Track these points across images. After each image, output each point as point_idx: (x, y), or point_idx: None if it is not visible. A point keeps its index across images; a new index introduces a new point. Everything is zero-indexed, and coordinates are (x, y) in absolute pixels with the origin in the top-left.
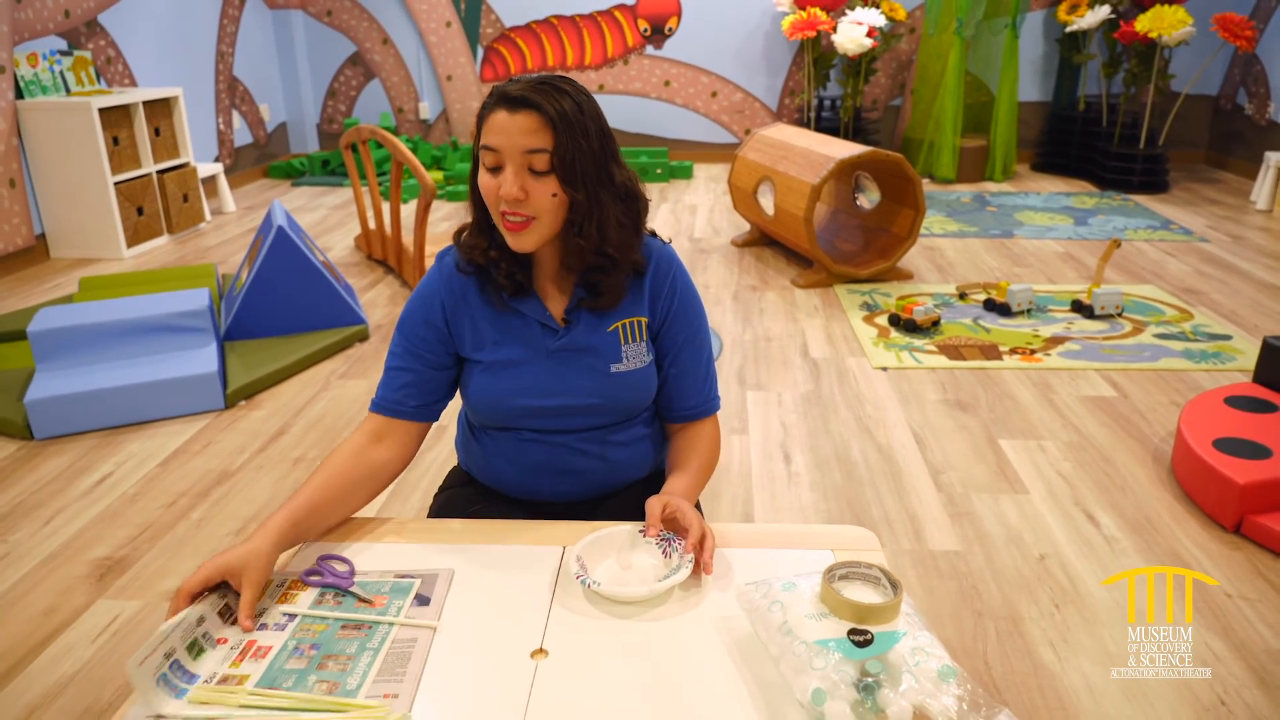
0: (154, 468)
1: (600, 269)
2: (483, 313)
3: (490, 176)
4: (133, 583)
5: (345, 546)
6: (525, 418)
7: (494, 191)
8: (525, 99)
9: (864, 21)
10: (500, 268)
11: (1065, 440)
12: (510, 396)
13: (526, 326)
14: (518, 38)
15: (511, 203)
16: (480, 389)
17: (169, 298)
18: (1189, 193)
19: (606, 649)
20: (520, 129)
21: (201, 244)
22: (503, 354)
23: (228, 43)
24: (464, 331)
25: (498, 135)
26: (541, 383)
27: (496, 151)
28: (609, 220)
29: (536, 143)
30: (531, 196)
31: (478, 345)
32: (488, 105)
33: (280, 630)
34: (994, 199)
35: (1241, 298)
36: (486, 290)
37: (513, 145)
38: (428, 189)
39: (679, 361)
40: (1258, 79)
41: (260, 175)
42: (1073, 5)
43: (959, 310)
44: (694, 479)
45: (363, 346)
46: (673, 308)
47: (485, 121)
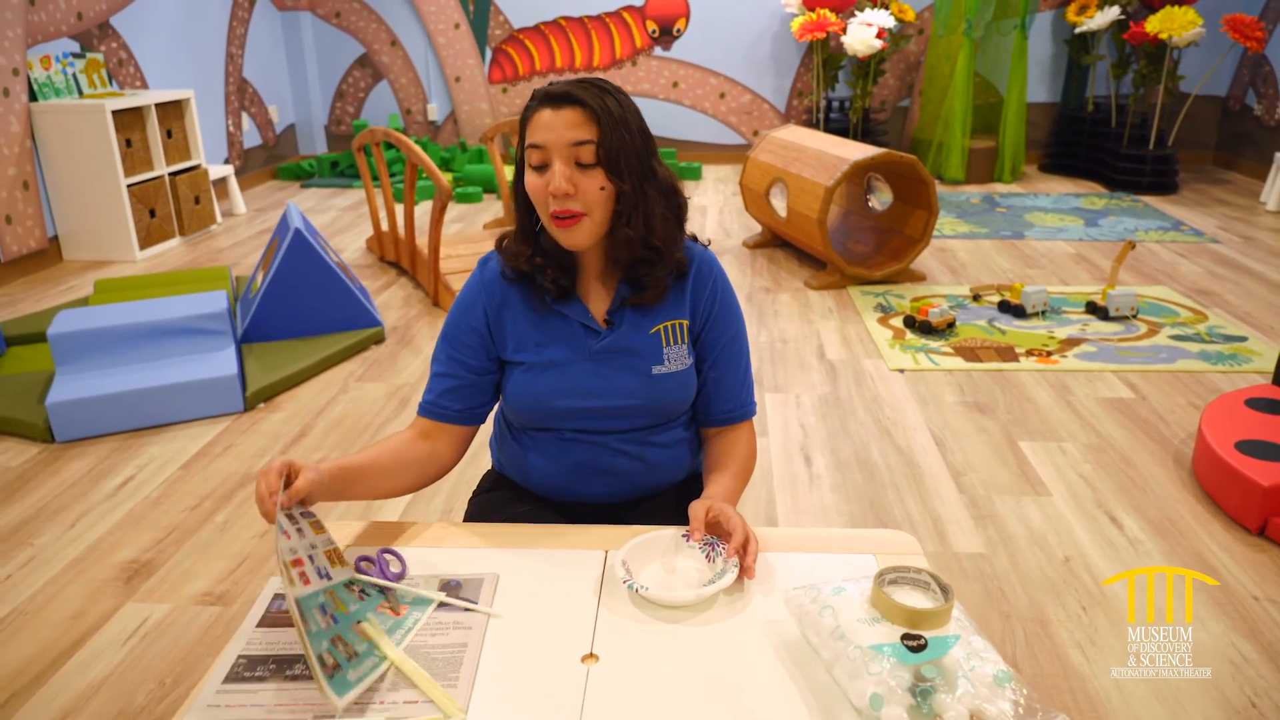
0: (176, 470)
1: (646, 262)
2: (525, 315)
3: (537, 176)
4: (160, 585)
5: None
6: (567, 418)
7: (542, 190)
8: (568, 95)
9: (874, 23)
10: (546, 273)
11: (1085, 442)
12: (553, 397)
13: (569, 328)
14: (526, 39)
15: (561, 198)
16: (523, 390)
17: (187, 300)
18: (1198, 194)
19: (657, 653)
20: (566, 123)
21: (213, 246)
22: (545, 355)
23: (237, 44)
24: (506, 334)
25: (543, 131)
26: (584, 383)
27: (543, 148)
28: (654, 212)
29: (582, 135)
30: (580, 190)
31: (520, 347)
32: (530, 108)
33: (321, 577)
34: (1003, 200)
35: (1255, 299)
36: (529, 293)
37: (559, 139)
38: (444, 191)
39: (718, 365)
40: (1267, 80)
41: (269, 177)
42: (1082, 6)
43: (973, 312)
44: (734, 482)
45: (379, 349)
46: (714, 311)
47: (529, 122)
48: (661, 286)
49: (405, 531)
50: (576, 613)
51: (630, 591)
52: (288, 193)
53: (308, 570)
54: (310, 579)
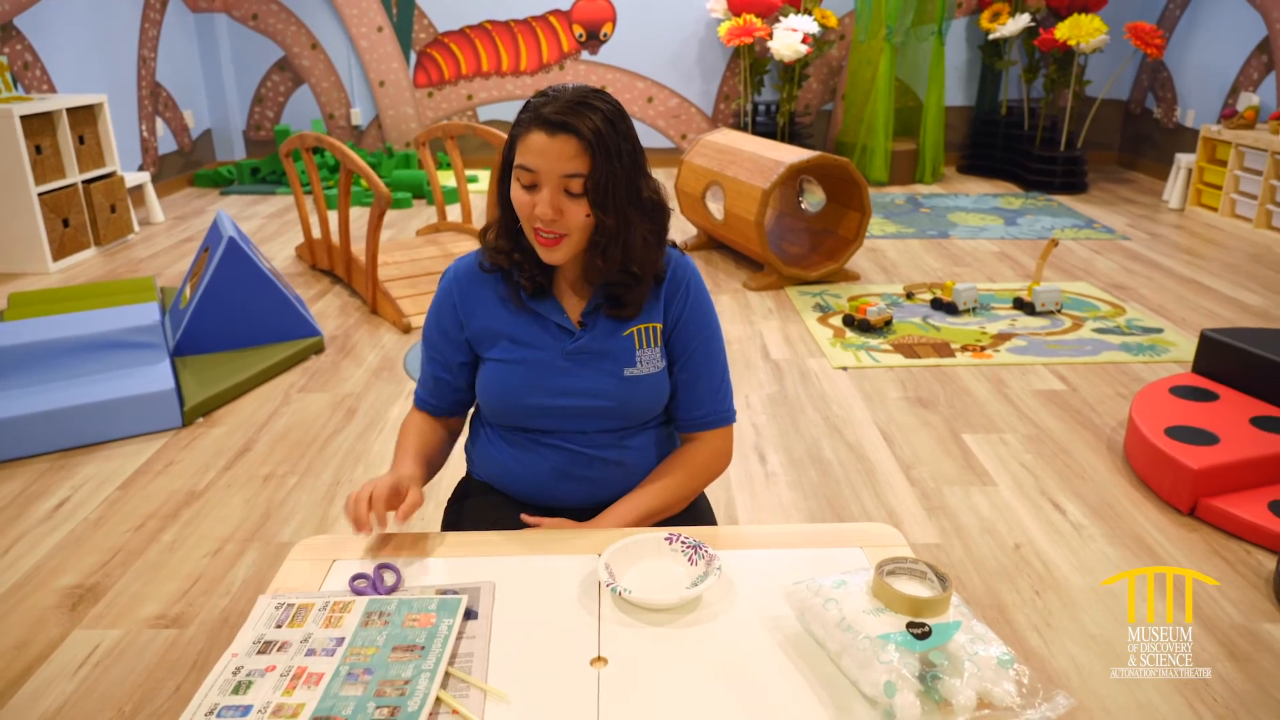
0: (115, 490)
1: (624, 284)
2: (499, 310)
3: (524, 193)
4: (109, 610)
5: (378, 560)
6: (538, 416)
7: (528, 208)
8: (564, 123)
9: (798, 28)
10: (523, 269)
11: (1024, 433)
12: (525, 394)
13: (544, 327)
14: (451, 43)
15: (546, 222)
16: (495, 384)
17: (116, 313)
18: (1106, 193)
19: (664, 653)
20: (559, 153)
21: (132, 256)
22: (519, 353)
23: (149, 47)
24: (479, 330)
25: (536, 157)
26: (557, 382)
27: (533, 172)
28: (635, 241)
29: (573, 168)
30: (565, 215)
31: (493, 341)
32: (524, 123)
33: (330, 656)
34: (926, 200)
35: (1167, 292)
36: (504, 289)
37: (550, 169)
38: (383, 197)
39: (690, 367)
40: (1165, 84)
41: (186, 184)
42: (994, 13)
43: (908, 310)
44: (647, 500)
45: (320, 359)
46: (684, 312)
47: (522, 140)
48: (639, 303)
49: (391, 542)
50: (578, 617)
51: (614, 595)
52: (206, 200)
53: (313, 667)
54: (323, 674)
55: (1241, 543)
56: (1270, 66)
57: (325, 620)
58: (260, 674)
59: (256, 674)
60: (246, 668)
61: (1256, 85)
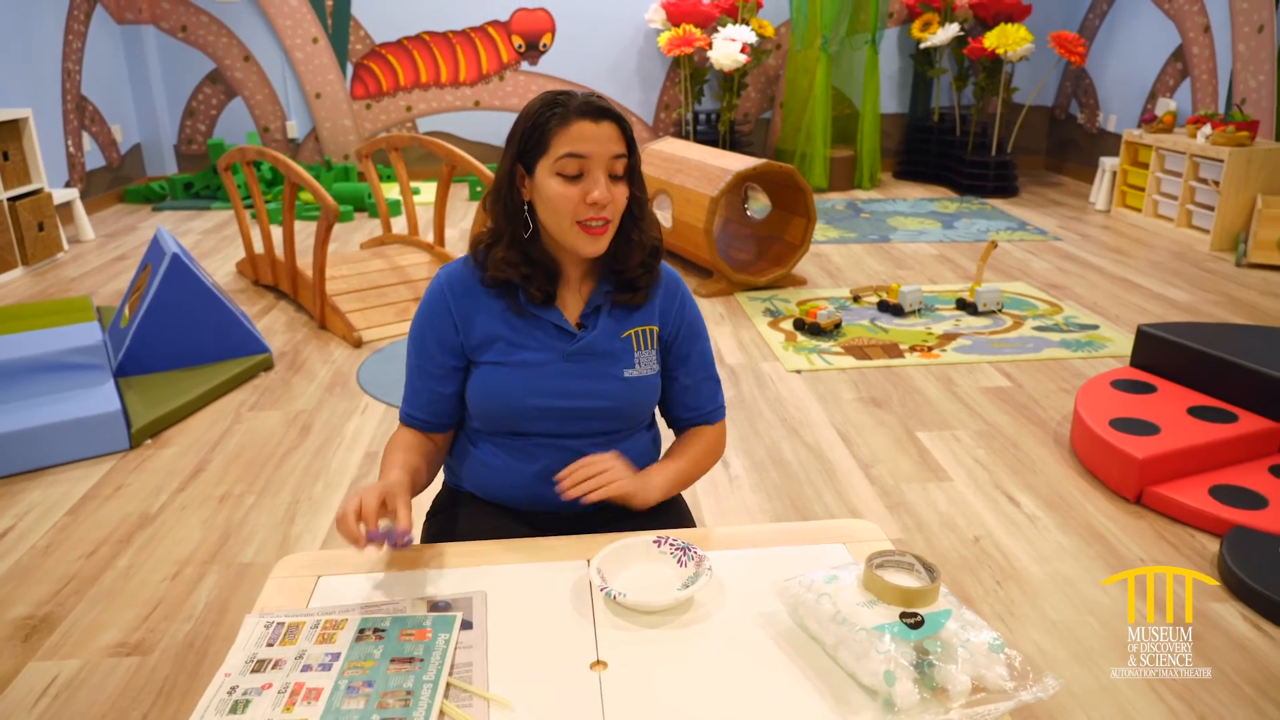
0: (62, 516)
1: (645, 264)
2: (497, 316)
3: (568, 185)
4: (66, 640)
5: (365, 575)
6: (536, 419)
7: (576, 199)
8: (606, 110)
9: (737, 38)
10: (533, 280)
11: (974, 429)
12: (525, 396)
13: (543, 329)
14: (389, 54)
15: (599, 207)
16: (494, 388)
17: (55, 334)
18: (1036, 195)
19: (663, 655)
20: (607, 136)
21: (62, 275)
22: (519, 356)
23: (74, 60)
24: (475, 335)
25: (587, 143)
26: (558, 384)
27: (585, 158)
28: (650, 214)
29: (619, 148)
30: (614, 199)
31: (490, 345)
32: (560, 116)
33: (326, 670)
34: (866, 205)
35: (1100, 290)
36: (499, 295)
37: (603, 150)
38: (330, 210)
39: (692, 373)
40: (1087, 91)
41: (115, 200)
42: (925, 23)
43: (855, 313)
44: (683, 464)
45: (269, 376)
46: (684, 322)
47: (563, 132)
48: (651, 287)
49: (379, 555)
50: (574, 622)
51: (608, 598)
52: (138, 217)
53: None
54: (322, 689)
55: (1186, 527)
56: (1185, 73)
57: (319, 637)
58: (257, 692)
59: (253, 692)
60: (242, 686)
61: (1173, 91)
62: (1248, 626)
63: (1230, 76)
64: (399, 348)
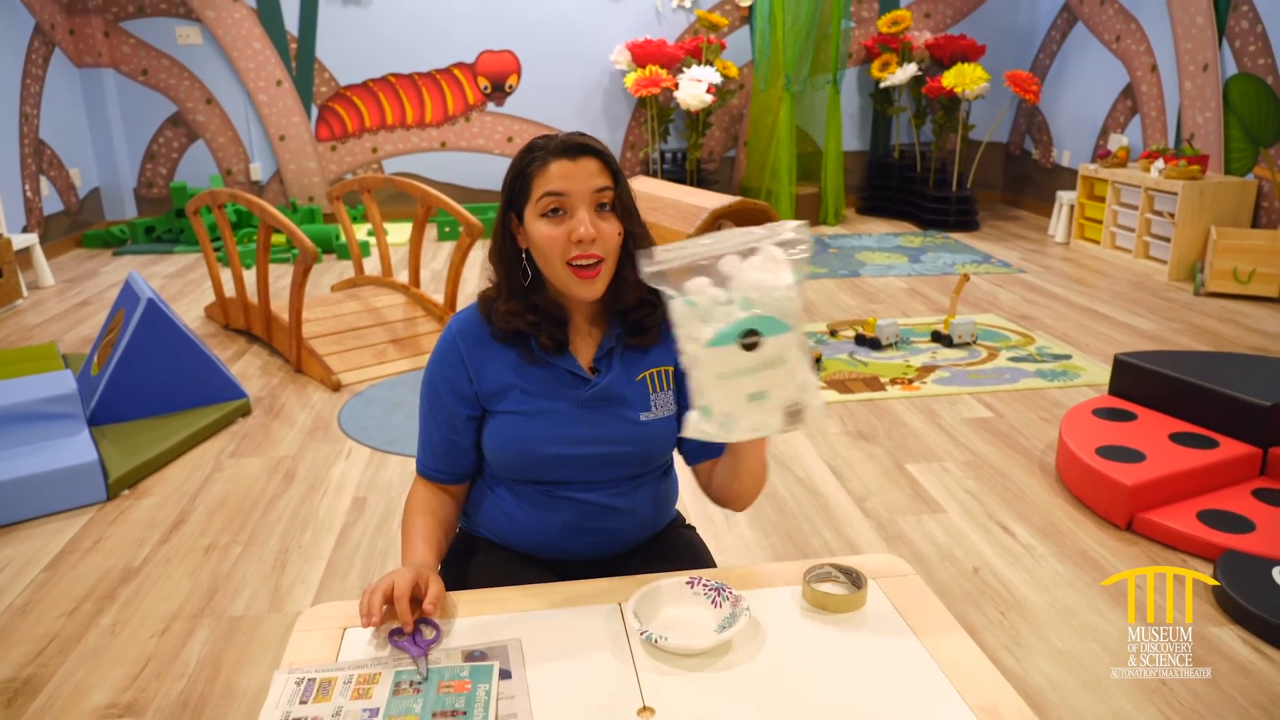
0: (40, 572)
1: (648, 303)
2: (509, 365)
3: (553, 225)
4: (51, 704)
5: (393, 626)
6: (553, 467)
7: (561, 239)
8: (584, 146)
9: (703, 79)
10: (542, 328)
11: (962, 460)
12: (542, 444)
13: (556, 376)
14: (354, 96)
15: (586, 244)
16: (510, 437)
17: (25, 383)
18: (997, 229)
19: (711, 699)
20: (587, 172)
21: (22, 323)
22: (534, 404)
23: (32, 103)
24: (489, 384)
25: (565, 180)
26: (574, 431)
27: (564, 195)
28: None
29: (602, 182)
30: (601, 235)
31: (504, 394)
32: (538, 159)
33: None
34: (833, 241)
35: (1068, 321)
36: (511, 344)
37: (583, 187)
38: (308, 252)
39: None
40: (1041, 128)
41: (74, 245)
42: (884, 63)
43: (834, 347)
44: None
45: (248, 421)
46: None
47: (541, 173)
48: (659, 325)
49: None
50: (613, 668)
51: (648, 643)
52: (98, 261)
53: None
54: None
55: (1177, 553)
56: (1135, 110)
57: (354, 692)
58: None
59: None
60: None
61: (1124, 127)
62: (1248, 650)
63: (1179, 113)
64: (379, 391)
